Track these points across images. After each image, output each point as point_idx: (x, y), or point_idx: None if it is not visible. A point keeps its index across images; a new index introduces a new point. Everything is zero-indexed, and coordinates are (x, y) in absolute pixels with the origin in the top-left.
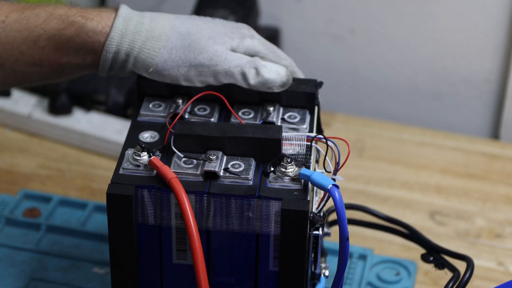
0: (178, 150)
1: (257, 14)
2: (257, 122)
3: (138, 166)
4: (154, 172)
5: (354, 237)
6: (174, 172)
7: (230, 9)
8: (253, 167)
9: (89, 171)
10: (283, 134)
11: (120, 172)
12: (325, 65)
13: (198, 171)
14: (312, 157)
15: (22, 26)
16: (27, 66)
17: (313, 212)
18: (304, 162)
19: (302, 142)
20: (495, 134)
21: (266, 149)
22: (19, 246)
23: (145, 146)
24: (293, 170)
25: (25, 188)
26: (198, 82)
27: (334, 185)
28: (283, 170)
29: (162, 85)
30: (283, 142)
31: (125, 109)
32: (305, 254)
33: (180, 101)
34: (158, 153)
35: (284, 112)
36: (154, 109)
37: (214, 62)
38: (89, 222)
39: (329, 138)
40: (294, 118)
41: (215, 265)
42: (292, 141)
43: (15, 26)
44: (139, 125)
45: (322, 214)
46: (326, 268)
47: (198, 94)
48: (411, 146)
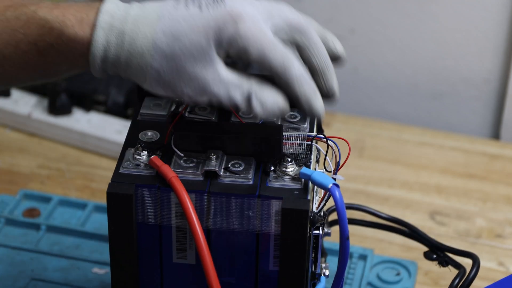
0: (178, 149)
1: None
2: (257, 121)
3: (138, 165)
4: (155, 171)
5: (354, 237)
6: (174, 171)
7: None
8: (253, 166)
9: (89, 171)
10: (284, 134)
11: (120, 171)
12: None
13: (198, 170)
14: (312, 156)
15: (2, 29)
16: (13, 69)
17: (313, 211)
18: (304, 162)
19: (302, 142)
20: (495, 134)
21: (267, 148)
22: (19, 246)
23: (145, 145)
24: (293, 169)
25: (24, 188)
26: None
27: (335, 184)
28: (284, 169)
29: None
30: (284, 141)
31: (125, 109)
32: (305, 253)
33: (180, 100)
34: (158, 152)
35: None
36: (155, 108)
37: (204, 90)
38: (89, 222)
39: (329, 138)
40: (295, 117)
41: (215, 264)
42: (292, 140)
43: None
44: (139, 124)
45: (323, 214)
46: (326, 268)
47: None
48: (411, 146)
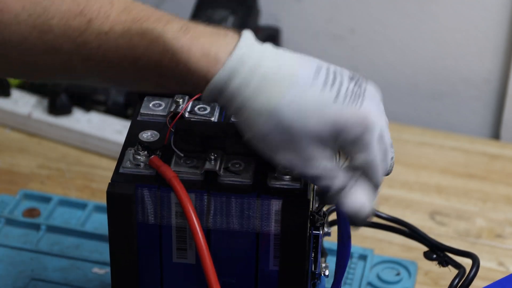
0: (178, 149)
1: (257, 14)
2: None
3: (138, 165)
4: (154, 171)
5: (354, 237)
6: (174, 171)
7: (230, 9)
8: (253, 166)
9: (89, 171)
10: None
11: (120, 171)
12: None
13: (198, 170)
14: None
15: (124, 42)
16: (124, 78)
17: (313, 211)
18: None
19: None
20: (496, 134)
21: None
22: (19, 246)
23: (145, 145)
24: None
25: (24, 188)
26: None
27: None
28: (284, 169)
29: None
30: None
31: (125, 109)
32: (305, 253)
33: (180, 100)
34: (158, 152)
35: None
36: (155, 108)
37: (302, 168)
38: (89, 222)
39: None
40: None
41: (215, 264)
42: None
43: (118, 42)
44: (139, 124)
45: (323, 214)
46: (327, 267)
47: (198, 94)
48: (411, 146)
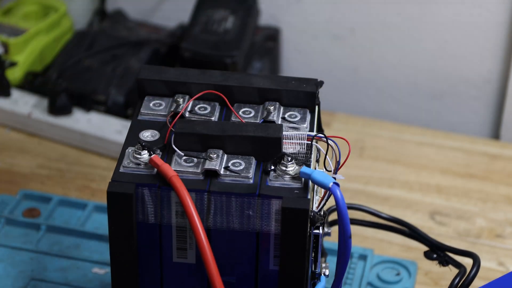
0: (178, 149)
1: (257, 14)
2: (257, 121)
3: (138, 164)
4: (155, 170)
5: (354, 237)
6: (174, 170)
7: (230, 9)
8: (253, 166)
9: (89, 171)
10: (284, 133)
11: (120, 170)
12: (325, 65)
13: (198, 170)
14: (312, 156)
15: None
16: None
17: (313, 210)
18: (304, 161)
19: (302, 141)
20: (496, 134)
21: (267, 147)
22: (19, 246)
23: (145, 144)
24: (293, 168)
25: (24, 188)
26: None
27: (335, 183)
28: (284, 168)
29: (163, 84)
30: (284, 141)
31: (125, 109)
32: (305, 253)
33: (180, 100)
34: (158, 151)
35: (284, 111)
36: (155, 108)
37: None
38: (89, 222)
39: (329, 137)
40: (295, 117)
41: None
42: (292, 140)
43: None
44: (140, 124)
45: (323, 213)
46: (327, 267)
47: (198, 93)
48: (411, 146)
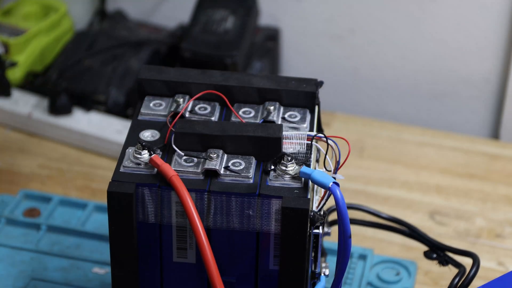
0: (178, 149)
1: (257, 14)
2: (257, 121)
3: (138, 164)
4: (155, 170)
5: (354, 237)
6: (174, 170)
7: (230, 9)
8: (253, 166)
9: (89, 171)
10: (284, 133)
11: (121, 170)
12: (325, 65)
13: (198, 169)
14: (312, 156)
15: None
16: None
17: (313, 210)
18: (304, 161)
19: (302, 141)
20: (495, 134)
21: (267, 147)
22: (19, 246)
23: (146, 144)
24: (293, 168)
25: (25, 188)
26: None
27: (335, 183)
28: (284, 168)
29: (163, 84)
30: (284, 140)
31: (125, 109)
32: (305, 252)
33: (181, 100)
34: (158, 151)
35: (284, 111)
36: (155, 108)
37: None
38: (89, 222)
39: (329, 137)
40: (295, 117)
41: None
42: (292, 140)
43: None
44: (140, 124)
45: (322, 213)
46: (326, 267)
47: (199, 93)
48: (411, 146)
